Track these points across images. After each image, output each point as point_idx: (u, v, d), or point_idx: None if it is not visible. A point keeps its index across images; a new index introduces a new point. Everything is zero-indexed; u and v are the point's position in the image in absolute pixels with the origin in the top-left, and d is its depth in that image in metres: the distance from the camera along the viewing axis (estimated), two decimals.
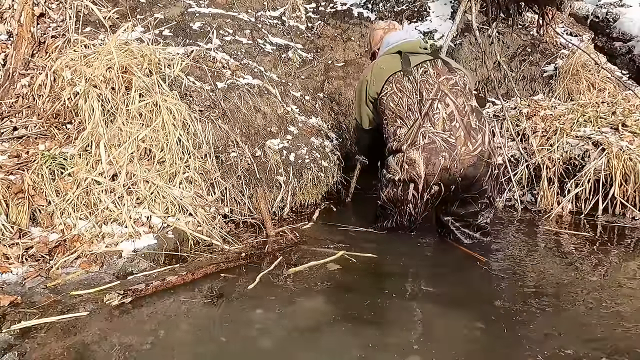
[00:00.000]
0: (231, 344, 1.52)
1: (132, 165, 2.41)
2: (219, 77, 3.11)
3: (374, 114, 2.63)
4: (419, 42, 2.61)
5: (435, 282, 2.04)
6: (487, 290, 1.99)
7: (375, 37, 2.84)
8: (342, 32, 4.55)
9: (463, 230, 2.50)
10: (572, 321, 1.70)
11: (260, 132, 2.99)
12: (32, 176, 2.27)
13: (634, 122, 3.28)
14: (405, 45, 2.56)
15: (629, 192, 2.95)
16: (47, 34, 3.04)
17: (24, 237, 2.11)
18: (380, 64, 2.54)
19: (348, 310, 1.77)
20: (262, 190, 2.76)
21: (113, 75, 2.56)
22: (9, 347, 1.45)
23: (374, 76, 2.51)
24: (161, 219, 2.29)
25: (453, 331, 1.63)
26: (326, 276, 2.06)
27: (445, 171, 2.32)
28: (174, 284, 1.89)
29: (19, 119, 2.70)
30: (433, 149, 2.32)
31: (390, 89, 2.44)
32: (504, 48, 4.40)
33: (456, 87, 2.42)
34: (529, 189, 3.30)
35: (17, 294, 1.78)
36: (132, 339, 1.52)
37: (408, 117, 2.39)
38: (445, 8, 4.72)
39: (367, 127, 2.72)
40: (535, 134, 3.36)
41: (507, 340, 1.55)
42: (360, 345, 1.52)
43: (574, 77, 4.01)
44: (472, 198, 2.42)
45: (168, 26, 3.52)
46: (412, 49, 2.53)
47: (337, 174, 3.21)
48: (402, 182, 2.39)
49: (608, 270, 2.21)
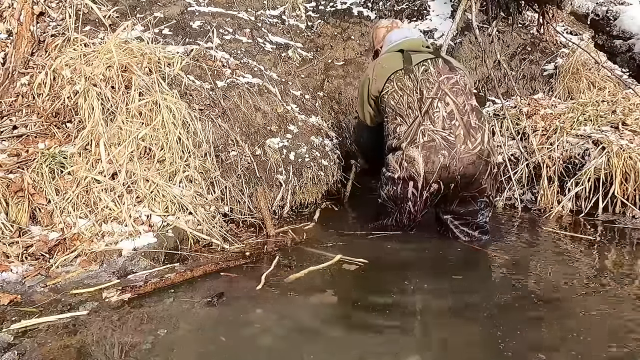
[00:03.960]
0: (231, 343, 1.51)
1: (132, 164, 2.40)
2: (219, 76, 3.11)
3: (376, 112, 2.64)
4: (421, 41, 2.62)
5: (435, 282, 2.03)
6: (486, 290, 1.99)
7: (378, 36, 2.85)
8: (342, 31, 4.55)
9: (462, 228, 2.50)
10: (571, 321, 1.69)
11: (260, 131, 2.99)
12: (31, 175, 2.27)
13: (634, 120, 3.28)
14: (408, 44, 2.57)
15: (629, 191, 2.95)
16: (47, 33, 3.04)
17: (23, 235, 2.11)
18: (382, 63, 2.55)
19: (348, 310, 1.77)
20: (262, 189, 2.76)
21: (113, 74, 2.56)
22: (9, 346, 1.44)
23: (376, 74, 2.52)
24: (161, 218, 2.29)
25: (453, 332, 1.62)
26: (327, 276, 2.06)
27: (445, 169, 2.32)
28: (172, 281, 1.89)
29: (19, 117, 2.70)
30: (432, 147, 2.32)
31: (391, 87, 2.45)
32: (504, 47, 4.40)
33: (457, 86, 2.42)
34: (529, 187, 3.29)
35: (16, 292, 1.78)
36: (132, 338, 1.52)
37: (408, 115, 2.39)
38: (445, 7, 4.72)
39: (370, 124, 2.72)
40: (535, 133, 3.36)
41: (507, 341, 1.55)
42: (360, 345, 1.52)
43: (574, 76, 4.00)
44: (471, 197, 2.42)
45: (168, 25, 3.51)
46: (415, 47, 2.54)
47: (337, 172, 3.21)
48: (402, 180, 2.39)
49: (608, 270, 2.21)
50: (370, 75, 2.56)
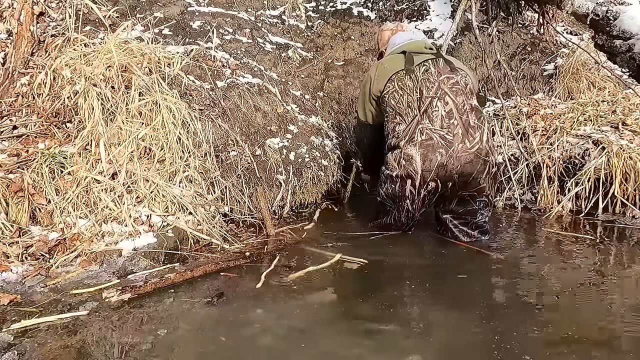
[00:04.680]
0: (231, 343, 1.51)
1: (132, 164, 2.40)
2: (219, 76, 3.11)
3: (377, 112, 2.66)
4: (424, 42, 2.68)
5: (435, 282, 2.03)
6: (486, 290, 1.99)
7: (383, 38, 2.91)
8: (342, 31, 4.54)
9: (461, 228, 2.50)
10: (571, 321, 1.69)
11: (260, 131, 2.99)
12: (31, 175, 2.27)
13: (634, 120, 3.28)
14: (410, 45, 2.62)
15: (629, 191, 2.95)
16: (47, 33, 3.04)
17: (23, 235, 2.11)
18: (385, 63, 2.59)
19: (348, 310, 1.77)
20: (262, 189, 2.76)
21: (113, 74, 2.56)
22: (9, 346, 1.44)
23: (378, 75, 2.56)
24: (161, 218, 2.29)
25: (453, 332, 1.62)
26: (327, 276, 2.06)
27: (442, 168, 2.34)
28: (172, 281, 1.89)
29: (19, 117, 2.70)
30: (430, 145, 2.34)
31: (392, 87, 2.48)
32: (504, 47, 4.39)
33: (457, 86, 2.44)
34: (529, 187, 3.29)
35: (16, 292, 1.78)
36: (132, 338, 1.52)
37: (407, 114, 2.42)
38: (445, 7, 4.71)
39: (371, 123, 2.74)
40: (535, 133, 3.36)
41: (507, 341, 1.55)
42: (360, 345, 1.52)
43: (574, 76, 4.00)
44: (470, 196, 2.44)
45: (168, 25, 3.51)
46: (417, 49, 2.59)
47: (337, 172, 3.21)
48: (400, 178, 2.41)
49: (608, 269, 2.21)
50: (372, 75, 2.60)
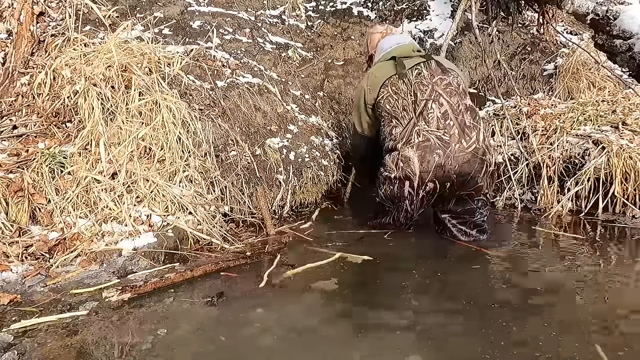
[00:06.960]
0: (231, 343, 1.51)
1: (131, 163, 2.40)
2: (219, 76, 3.11)
3: (373, 120, 2.68)
4: (412, 46, 2.70)
5: (434, 281, 2.03)
6: (486, 290, 1.99)
7: (373, 41, 2.92)
8: (342, 30, 4.55)
9: (460, 227, 2.51)
10: (571, 321, 1.69)
11: (260, 131, 2.99)
12: (31, 174, 2.27)
13: (634, 120, 3.28)
14: (399, 50, 2.64)
15: (629, 191, 2.95)
16: (47, 33, 3.04)
17: (23, 235, 2.12)
18: (375, 72, 2.61)
19: (348, 310, 1.77)
20: (262, 188, 2.76)
21: (113, 73, 2.56)
22: (9, 346, 1.44)
23: (370, 85, 2.59)
24: (161, 218, 2.29)
25: (453, 332, 1.62)
26: (327, 275, 2.06)
27: (440, 168, 2.35)
28: (172, 281, 1.89)
29: (19, 117, 2.70)
30: (427, 146, 2.36)
31: (386, 92, 2.50)
32: (503, 47, 4.39)
33: (450, 86, 2.47)
34: (529, 187, 3.30)
35: (16, 292, 1.78)
36: (132, 338, 1.52)
37: (403, 117, 2.44)
38: (445, 7, 4.71)
39: (367, 134, 2.76)
40: (535, 133, 3.36)
41: (507, 340, 1.55)
42: (360, 345, 1.52)
43: (574, 76, 4.00)
44: (468, 195, 2.45)
45: (168, 25, 3.51)
46: (406, 53, 2.61)
47: (337, 172, 3.22)
48: (398, 180, 2.42)
49: (608, 268, 2.21)
50: (365, 86, 2.63)
